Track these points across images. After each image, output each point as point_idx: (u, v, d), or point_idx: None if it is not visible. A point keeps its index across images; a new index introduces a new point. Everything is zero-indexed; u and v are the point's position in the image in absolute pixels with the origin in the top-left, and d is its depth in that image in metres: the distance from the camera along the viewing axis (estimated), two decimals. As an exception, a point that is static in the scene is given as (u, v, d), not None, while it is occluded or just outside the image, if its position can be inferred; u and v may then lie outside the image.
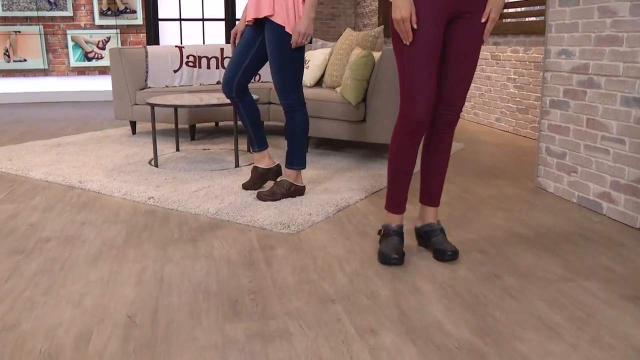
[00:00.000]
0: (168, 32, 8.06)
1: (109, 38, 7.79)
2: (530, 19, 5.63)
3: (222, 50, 5.01)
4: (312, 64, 4.50)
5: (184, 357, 1.55)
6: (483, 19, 2.07)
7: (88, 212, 2.81)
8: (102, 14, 7.70)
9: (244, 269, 2.13)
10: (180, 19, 8.02)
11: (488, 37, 2.61)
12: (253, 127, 3.05)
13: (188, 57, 4.90)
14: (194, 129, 4.61)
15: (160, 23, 7.98)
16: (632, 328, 1.69)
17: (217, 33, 8.14)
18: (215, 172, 3.54)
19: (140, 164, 3.75)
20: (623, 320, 1.73)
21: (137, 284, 2.00)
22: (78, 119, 5.99)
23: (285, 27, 2.75)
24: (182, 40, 8.09)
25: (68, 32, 7.64)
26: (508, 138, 4.85)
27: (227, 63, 4.98)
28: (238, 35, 2.96)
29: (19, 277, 2.05)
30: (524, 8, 5.78)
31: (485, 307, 1.83)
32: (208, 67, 4.96)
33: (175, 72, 4.85)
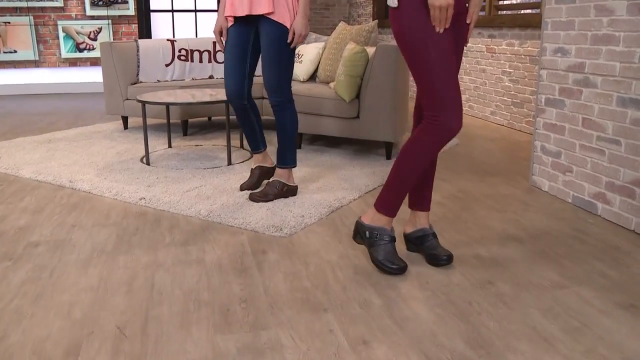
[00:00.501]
0: (160, 23, 7.96)
1: (101, 29, 7.69)
2: (526, 12, 5.58)
3: (214, 44, 4.95)
4: (305, 59, 4.44)
5: (174, 372, 1.53)
6: (468, 20, 2.04)
7: (78, 214, 2.77)
8: (93, 5, 7.59)
9: (236, 276, 2.10)
10: (173, 10, 7.92)
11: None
12: (260, 127, 3.03)
13: (180, 50, 4.84)
14: (187, 124, 4.56)
15: (153, 14, 7.88)
16: (626, 339, 1.68)
17: (209, 24, 8.05)
18: (208, 170, 3.50)
19: (132, 162, 3.71)
20: (618, 331, 1.72)
21: (127, 293, 1.97)
22: (69, 112, 5.92)
23: (287, 25, 2.70)
24: (174, 32, 8.00)
25: (59, 22, 7.54)
26: (503, 132, 4.82)
27: (219, 57, 4.92)
28: (224, 33, 2.86)
29: (7, 285, 2.02)
30: (520, 0, 5.73)
31: (479, 316, 1.82)
32: (200, 60, 4.89)
33: (167, 66, 4.79)
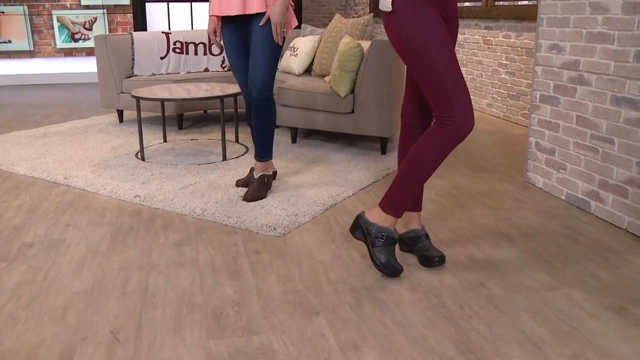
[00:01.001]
0: (155, 13, 7.90)
1: (96, 18, 7.63)
2: (523, 3, 5.54)
3: (209, 36, 4.91)
4: (300, 52, 4.42)
5: (166, 378, 1.54)
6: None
7: (73, 212, 2.78)
8: (87, -6, 7.53)
9: (229, 278, 2.11)
10: (168, 0, 7.86)
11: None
12: (273, 127, 2.99)
13: (175, 43, 4.81)
14: (182, 118, 4.54)
15: (148, 4, 7.82)
16: (615, 344, 1.69)
17: (205, 15, 7.99)
18: (202, 166, 3.50)
19: (127, 157, 3.70)
20: (607, 335, 1.74)
21: (121, 296, 1.98)
22: (65, 104, 5.90)
23: None
24: (169, 22, 7.94)
25: (53, 12, 7.48)
26: (499, 125, 4.82)
27: (214, 50, 4.90)
28: (218, 32, 2.90)
29: (2, 288, 2.03)
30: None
31: (470, 319, 1.83)
32: (195, 53, 4.87)
33: (162, 59, 4.76)
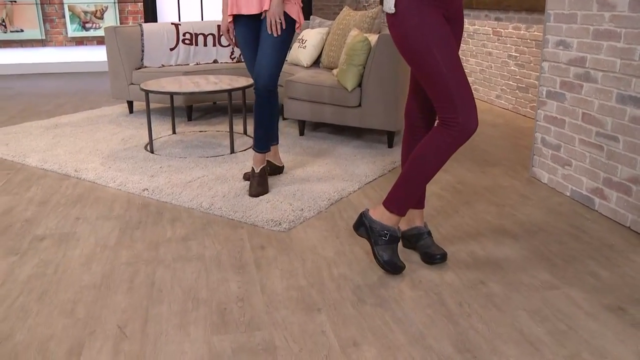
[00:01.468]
0: (165, 2, 7.92)
1: (107, 7, 7.67)
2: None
3: (218, 27, 4.94)
4: (309, 44, 4.44)
5: (171, 373, 1.59)
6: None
7: (83, 205, 2.84)
8: (98, -17, 7.56)
9: (234, 273, 2.16)
10: (178, -12, 7.86)
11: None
12: (277, 118, 3.07)
13: (184, 34, 4.84)
14: (191, 109, 4.58)
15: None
16: (611, 344, 1.72)
17: (215, 5, 7.98)
18: (210, 159, 3.54)
19: (136, 150, 3.75)
20: (604, 335, 1.76)
21: (128, 290, 2.04)
22: (76, 94, 5.96)
23: (293, 16, 2.80)
24: (179, 11, 7.95)
25: (64, 1, 7.52)
26: (507, 117, 4.81)
27: (223, 41, 4.92)
28: (231, 31, 2.96)
29: (14, 282, 2.09)
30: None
31: (469, 317, 1.87)
32: (205, 44, 4.89)
33: (172, 50, 4.79)
